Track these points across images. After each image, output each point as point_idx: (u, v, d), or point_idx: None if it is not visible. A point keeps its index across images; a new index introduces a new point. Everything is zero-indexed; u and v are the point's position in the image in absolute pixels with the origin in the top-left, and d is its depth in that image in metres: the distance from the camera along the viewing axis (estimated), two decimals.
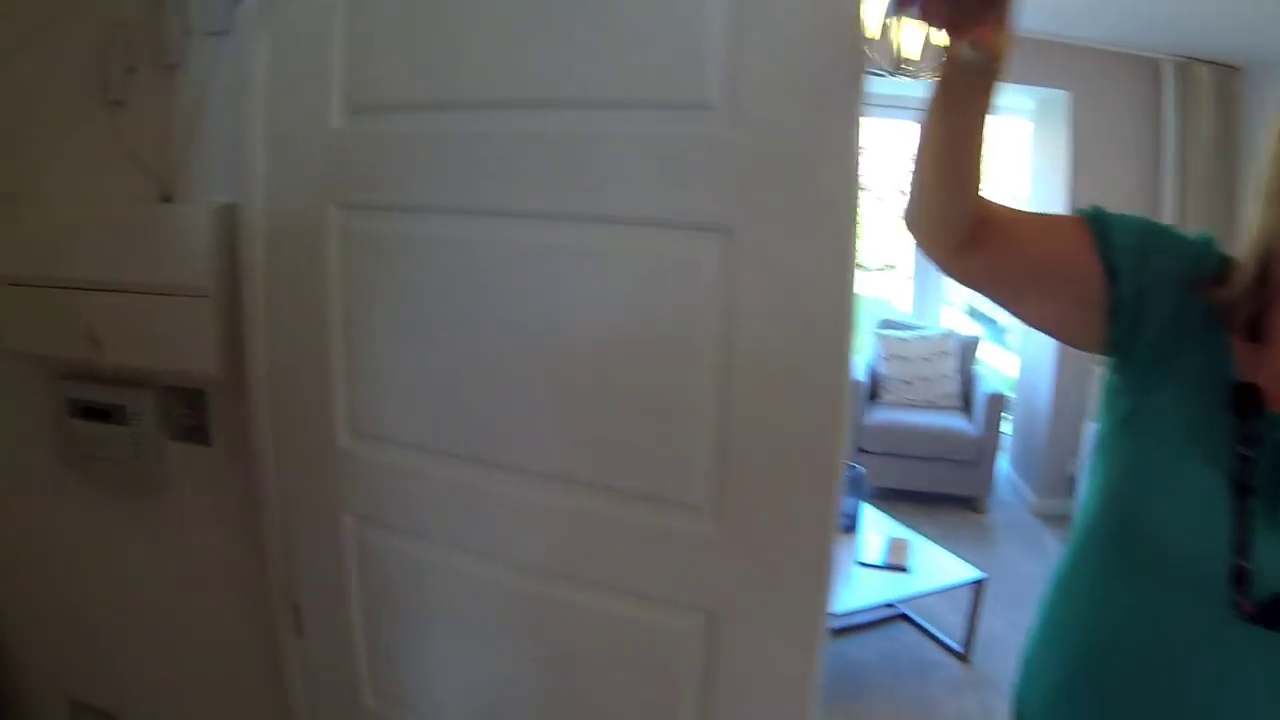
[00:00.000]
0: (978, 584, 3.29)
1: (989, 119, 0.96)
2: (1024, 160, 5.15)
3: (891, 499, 4.62)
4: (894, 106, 4.43)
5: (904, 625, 3.59)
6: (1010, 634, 3.31)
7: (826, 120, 1.12)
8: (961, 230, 1.04)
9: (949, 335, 5.25)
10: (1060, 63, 4.33)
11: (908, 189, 1.08)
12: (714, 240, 1.18)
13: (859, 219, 1.16)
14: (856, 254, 1.16)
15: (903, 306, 6.30)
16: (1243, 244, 0.99)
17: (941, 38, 0.88)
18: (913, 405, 5.05)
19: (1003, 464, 5.20)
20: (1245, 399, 0.95)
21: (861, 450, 4.77)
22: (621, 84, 1.22)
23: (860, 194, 1.15)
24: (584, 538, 1.35)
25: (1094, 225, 1.03)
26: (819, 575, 1.21)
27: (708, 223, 1.19)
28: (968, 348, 5.21)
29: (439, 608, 1.52)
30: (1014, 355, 5.71)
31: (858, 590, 3.19)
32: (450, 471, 1.44)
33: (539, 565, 1.40)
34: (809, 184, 1.14)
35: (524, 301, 1.33)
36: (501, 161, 1.32)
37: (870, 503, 3.84)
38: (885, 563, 3.33)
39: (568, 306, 1.30)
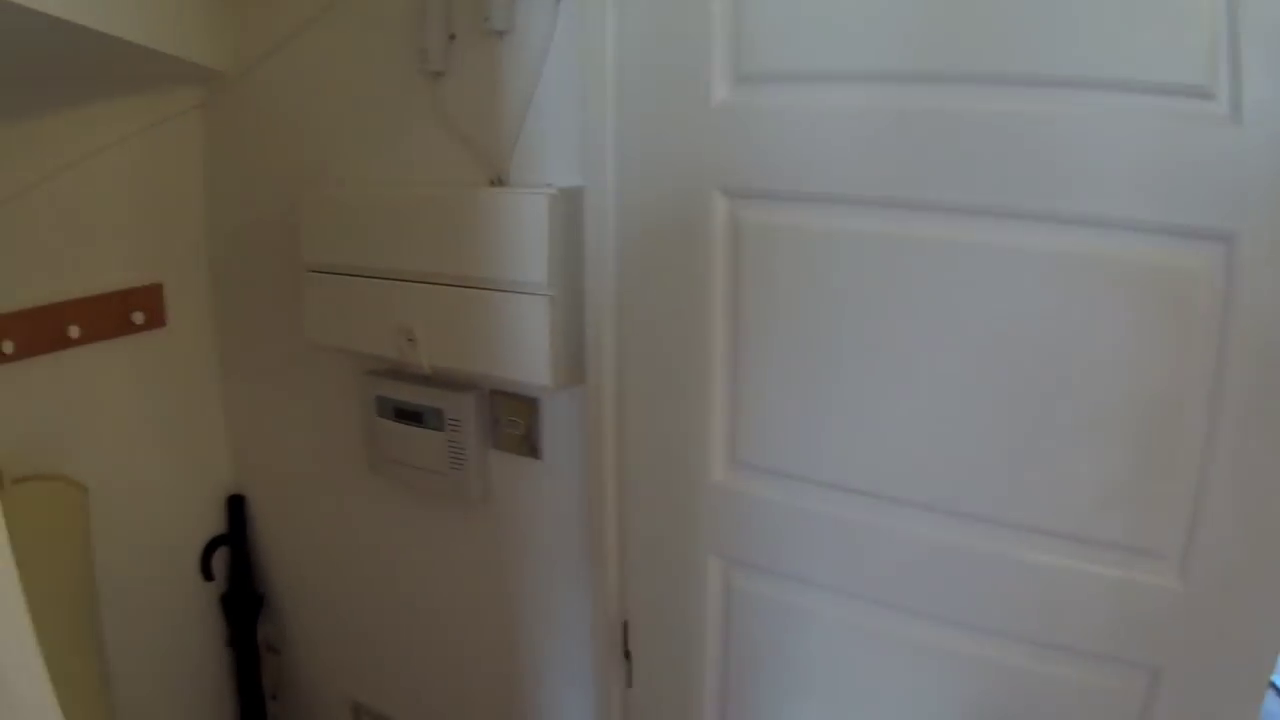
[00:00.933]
0: None
1: None
2: None
3: None
4: None
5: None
6: None
7: None
8: None
9: None
10: None
11: None
12: (1211, 250, 0.96)
13: None
14: None
15: None
16: None
17: None
18: None
19: None
20: None
21: None
22: (1094, 58, 0.99)
23: None
24: (1024, 587, 1.12)
25: None
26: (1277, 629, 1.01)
27: (1204, 228, 0.96)
28: None
29: (825, 668, 1.30)
30: None
31: None
32: (858, 511, 1.21)
33: (963, 619, 1.17)
34: None
35: (964, 314, 1.10)
36: (937, 146, 1.08)
37: None
38: None
39: (1020, 322, 1.07)
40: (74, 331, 1.70)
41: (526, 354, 1.41)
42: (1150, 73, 0.95)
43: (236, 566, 2.01)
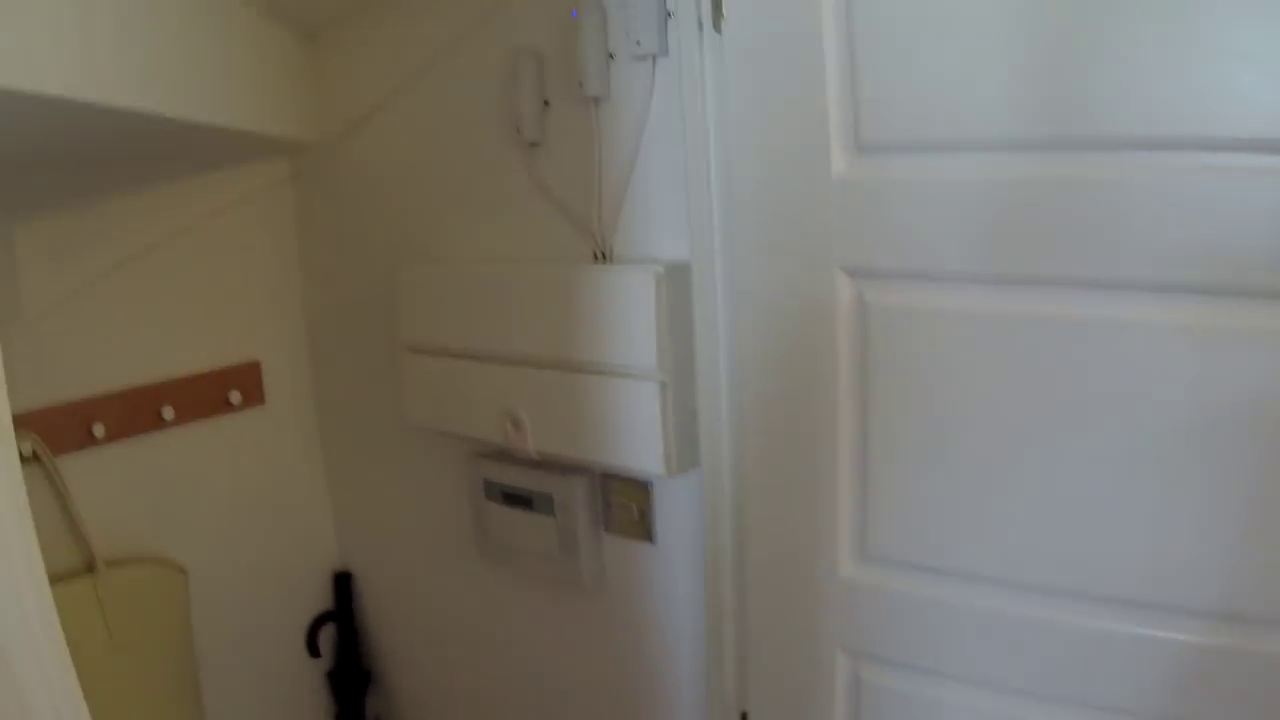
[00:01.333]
0: None
1: None
2: None
3: None
4: None
5: None
6: None
7: None
8: None
9: None
10: None
11: None
12: None
13: None
14: None
15: None
16: None
17: None
18: None
19: None
20: None
21: None
22: (1233, 119, 0.91)
23: None
24: (1173, 667, 1.05)
25: None
26: None
27: None
28: None
29: None
30: None
31: None
32: (1000, 601, 1.13)
33: (1110, 704, 1.09)
34: None
35: (1105, 393, 1.03)
36: (1074, 216, 1.01)
37: None
38: None
39: (1162, 398, 1.00)
40: (168, 413, 1.67)
41: (637, 441, 1.34)
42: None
43: (344, 643, 1.97)
